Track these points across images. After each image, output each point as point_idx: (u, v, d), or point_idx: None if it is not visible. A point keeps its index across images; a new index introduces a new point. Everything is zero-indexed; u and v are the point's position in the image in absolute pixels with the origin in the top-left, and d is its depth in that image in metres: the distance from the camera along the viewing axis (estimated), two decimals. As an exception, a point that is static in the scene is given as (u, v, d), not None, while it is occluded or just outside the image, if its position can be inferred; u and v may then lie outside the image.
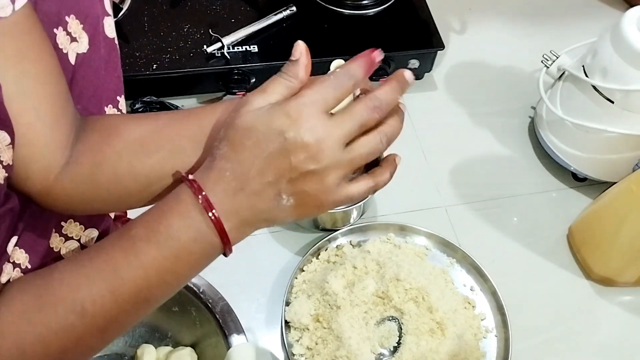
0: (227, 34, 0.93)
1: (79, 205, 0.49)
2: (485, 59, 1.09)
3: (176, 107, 0.92)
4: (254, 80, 0.94)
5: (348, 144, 0.40)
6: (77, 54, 0.50)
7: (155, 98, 0.92)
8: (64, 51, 0.49)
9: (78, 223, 0.54)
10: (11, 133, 0.41)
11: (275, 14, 0.97)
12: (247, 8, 0.99)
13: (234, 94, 0.93)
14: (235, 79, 0.93)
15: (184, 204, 0.41)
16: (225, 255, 0.44)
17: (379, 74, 0.97)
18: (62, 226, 0.53)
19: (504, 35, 1.13)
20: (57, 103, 0.45)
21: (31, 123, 0.42)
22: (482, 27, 1.14)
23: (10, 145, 0.41)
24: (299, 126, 0.39)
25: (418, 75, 1.03)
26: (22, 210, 0.46)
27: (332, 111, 0.41)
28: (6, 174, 0.42)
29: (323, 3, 1.01)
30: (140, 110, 0.91)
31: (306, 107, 0.39)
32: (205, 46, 0.92)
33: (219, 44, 0.92)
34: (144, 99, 0.91)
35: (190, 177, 0.42)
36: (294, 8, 0.98)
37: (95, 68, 0.52)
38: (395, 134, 0.43)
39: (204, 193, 0.40)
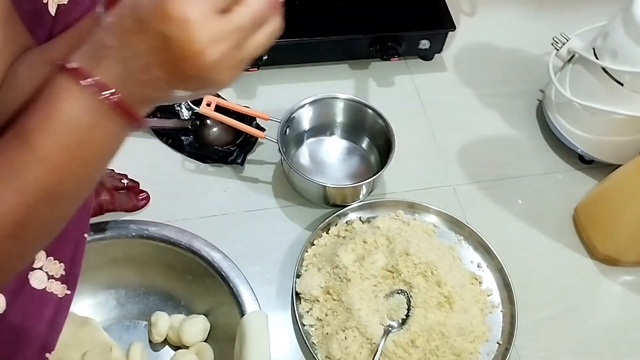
0: (240, 11, 0.94)
1: None
2: (494, 41, 1.10)
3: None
4: (266, 57, 0.94)
5: (225, 11, 0.38)
6: (58, 5, 0.50)
7: (168, 72, 0.92)
8: (44, 1, 0.49)
9: None
10: None
11: (288, -8, 0.97)
12: (260, -15, 1.00)
13: (246, 70, 0.94)
14: (248, 55, 0.93)
15: (71, 88, 0.38)
16: (140, 127, 0.41)
17: (390, 53, 0.98)
18: None
19: (513, 17, 1.14)
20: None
21: None
22: (492, 9, 1.14)
23: None
24: (182, 31, 0.36)
25: (428, 56, 1.04)
26: None
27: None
28: None
29: (335, -19, 1.02)
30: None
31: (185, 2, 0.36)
32: (218, 22, 0.93)
33: (232, 20, 0.93)
34: (158, 73, 0.92)
35: (73, 64, 0.39)
36: (307, -15, 0.98)
37: (75, 19, 0.51)
38: None
39: (95, 77, 0.38)
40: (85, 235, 0.64)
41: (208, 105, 0.84)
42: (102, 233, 0.72)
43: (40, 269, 0.57)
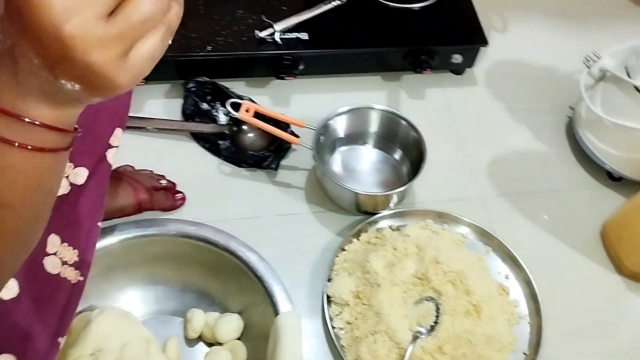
0: (279, 21, 0.97)
1: None
2: (525, 58, 1.11)
3: (227, 89, 0.96)
4: (302, 66, 0.97)
5: (114, 12, 0.33)
6: None
7: (207, 79, 0.96)
8: None
9: None
10: None
11: (325, 4, 1.00)
12: (299, -3, 1.03)
13: (283, 78, 0.97)
14: (285, 64, 0.96)
15: None
16: (70, 147, 0.39)
17: (423, 66, 1.00)
18: None
19: (544, 35, 1.15)
20: None
21: None
22: (523, 26, 1.16)
23: None
24: (34, 4, 0.31)
25: (460, 70, 1.06)
26: None
27: None
28: None
29: (371, -5, 1.04)
30: (193, 89, 0.95)
31: None
32: (257, 31, 0.96)
33: (270, 30, 0.96)
34: (198, 79, 0.95)
35: None
36: (344, -2, 1.01)
37: None
38: None
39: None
40: (99, 224, 0.65)
41: (247, 111, 0.87)
42: (143, 230, 0.74)
43: (55, 254, 0.58)
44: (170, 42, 0.36)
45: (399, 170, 0.93)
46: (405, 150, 0.92)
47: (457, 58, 1.02)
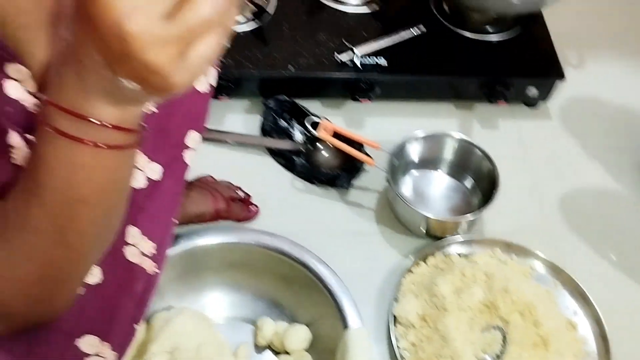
0: (359, 45, 1.00)
1: None
2: (601, 95, 1.11)
3: (304, 108, 0.99)
4: (378, 90, 1.00)
5: (175, 11, 0.34)
6: None
7: (287, 97, 0.99)
8: None
9: None
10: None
11: (406, 31, 1.03)
12: (379, 23, 1.06)
13: (358, 100, 1.00)
14: (362, 87, 0.99)
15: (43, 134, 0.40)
16: (137, 144, 0.42)
17: (497, 97, 1.01)
18: None
19: (621, 71, 1.15)
20: None
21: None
22: (599, 62, 1.16)
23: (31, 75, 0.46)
24: (98, 3, 0.33)
25: (534, 103, 1.07)
26: None
27: None
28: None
29: (450, 25, 1.07)
30: (273, 107, 0.99)
31: None
32: (337, 54, 0.99)
33: (351, 54, 0.99)
34: (278, 97, 0.99)
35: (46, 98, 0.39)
36: (423, 28, 1.04)
37: None
38: None
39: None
40: (175, 221, 0.67)
41: (325, 130, 0.90)
42: (223, 237, 0.77)
43: (134, 245, 0.61)
44: (225, 44, 0.37)
45: (469, 198, 0.94)
46: (477, 178, 0.93)
47: (532, 91, 1.03)
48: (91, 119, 0.39)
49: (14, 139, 0.54)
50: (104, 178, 0.42)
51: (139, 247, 0.61)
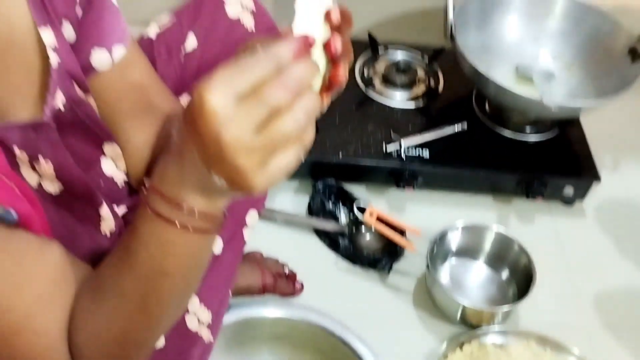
0: (405, 137, 1.07)
1: None
2: (635, 198, 1.15)
3: (350, 193, 1.06)
4: (421, 180, 1.06)
5: (263, 127, 0.40)
6: None
7: (335, 181, 1.06)
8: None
9: None
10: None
11: (449, 127, 1.10)
12: (424, 118, 1.13)
13: (403, 189, 1.06)
14: (406, 176, 1.05)
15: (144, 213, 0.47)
16: (218, 230, 0.48)
17: (535, 193, 1.06)
18: None
19: (656, 178, 1.19)
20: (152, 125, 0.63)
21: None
22: (634, 166, 1.20)
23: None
24: (203, 114, 0.39)
25: (570, 201, 1.11)
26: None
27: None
28: (126, 178, 0.56)
29: (490, 124, 1.13)
30: (321, 189, 1.06)
31: (211, 92, 0.39)
32: (384, 144, 1.07)
33: (397, 145, 1.06)
34: (326, 180, 1.06)
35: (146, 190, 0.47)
36: (466, 125, 1.11)
37: None
38: (313, 108, 0.41)
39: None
40: (230, 292, 0.72)
41: (370, 214, 0.96)
42: (271, 311, 0.82)
43: (194, 313, 0.65)
44: (302, 158, 0.43)
45: (506, 289, 0.97)
46: (513, 271, 0.97)
47: (568, 190, 1.08)
48: (185, 208, 0.45)
49: (104, 210, 0.61)
50: (187, 256, 0.49)
51: (197, 315, 0.66)
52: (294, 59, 0.40)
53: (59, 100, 0.54)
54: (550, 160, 1.09)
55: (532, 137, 1.12)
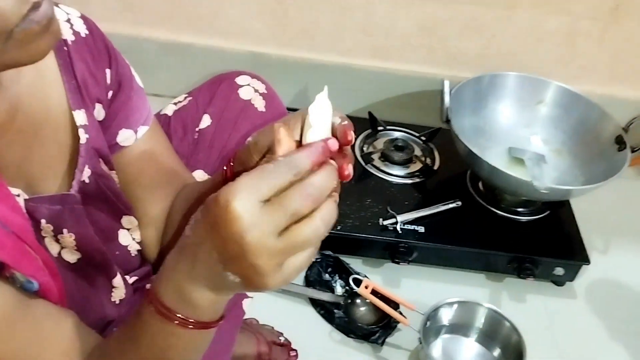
0: (401, 213, 1.11)
1: None
2: (625, 281, 1.17)
3: (347, 265, 1.08)
4: (416, 255, 1.09)
5: (283, 231, 0.41)
6: None
7: (332, 253, 1.09)
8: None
9: None
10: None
11: (444, 205, 1.14)
12: (420, 194, 1.18)
13: (398, 263, 1.08)
14: (401, 250, 1.08)
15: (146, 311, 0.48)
16: (220, 322, 0.49)
17: (526, 273, 1.08)
18: None
19: (645, 262, 1.22)
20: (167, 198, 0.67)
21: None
22: (624, 251, 1.23)
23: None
24: (228, 217, 0.40)
25: (561, 282, 1.14)
26: None
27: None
28: (139, 247, 0.60)
29: (484, 203, 1.18)
30: (319, 261, 1.08)
31: (236, 198, 0.40)
32: (381, 219, 1.10)
33: (393, 220, 1.10)
34: (324, 252, 1.09)
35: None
36: (460, 202, 1.15)
37: None
38: (331, 217, 0.43)
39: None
40: (232, 350, 0.73)
41: (366, 287, 0.98)
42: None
43: None
44: (314, 258, 0.47)
45: (497, 367, 0.98)
46: (504, 349, 0.98)
47: (559, 271, 1.11)
48: (182, 317, 0.46)
49: (117, 280, 0.64)
50: (189, 345, 0.50)
51: None
52: (314, 166, 0.42)
53: (85, 174, 0.58)
54: (541, 241, 1.13)
55: (524, 217, 1.16)
